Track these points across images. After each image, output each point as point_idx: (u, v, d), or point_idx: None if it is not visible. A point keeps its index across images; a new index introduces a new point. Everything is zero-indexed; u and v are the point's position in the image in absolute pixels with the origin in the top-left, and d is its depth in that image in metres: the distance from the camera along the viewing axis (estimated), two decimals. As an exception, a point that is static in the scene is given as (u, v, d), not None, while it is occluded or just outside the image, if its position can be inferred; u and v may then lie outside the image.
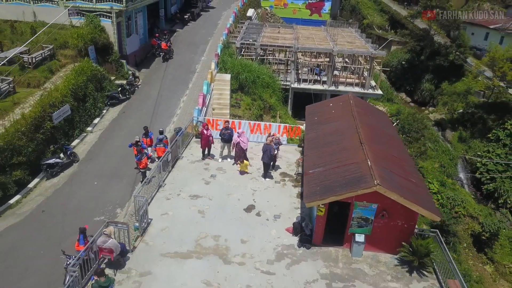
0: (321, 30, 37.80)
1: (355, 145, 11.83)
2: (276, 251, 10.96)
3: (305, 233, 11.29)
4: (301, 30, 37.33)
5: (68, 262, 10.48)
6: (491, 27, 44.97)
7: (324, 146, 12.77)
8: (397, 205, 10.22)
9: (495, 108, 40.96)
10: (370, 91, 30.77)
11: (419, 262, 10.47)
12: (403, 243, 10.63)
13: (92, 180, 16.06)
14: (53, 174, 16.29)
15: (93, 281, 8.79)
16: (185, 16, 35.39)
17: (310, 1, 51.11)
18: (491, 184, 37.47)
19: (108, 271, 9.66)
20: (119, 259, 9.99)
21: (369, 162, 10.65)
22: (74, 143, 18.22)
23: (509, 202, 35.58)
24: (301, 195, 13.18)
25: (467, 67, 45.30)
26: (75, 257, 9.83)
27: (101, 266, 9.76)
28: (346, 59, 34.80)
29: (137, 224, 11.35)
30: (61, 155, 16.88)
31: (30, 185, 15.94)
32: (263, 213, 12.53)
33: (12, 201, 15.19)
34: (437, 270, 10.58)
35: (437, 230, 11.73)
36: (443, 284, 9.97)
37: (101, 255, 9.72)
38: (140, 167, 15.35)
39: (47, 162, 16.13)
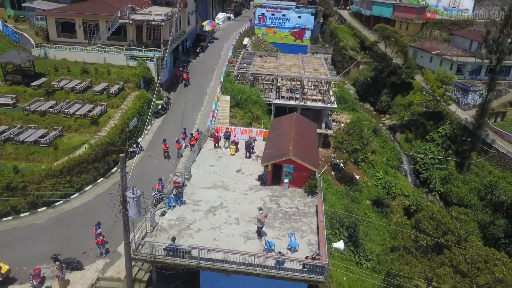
0: (298, 58, 51.72)
1: (288, 140, 25.69)
2: (249, 187, 24.84)
3: (264, 180, 25.17)
4: (283, 58, 51.36)
5: (154, 193, 24.24)
6: (434, 52, 58.78)
7: (275, 141, 26.68)
8: (302, 165, 23.99)
9: (433, 116, 54.84)
10: (329, 105, 44.50)
11: (311, 190, 24.28)
12: (305, 182, 24.44)
13: (153, 160, 29.91)
14: (131, 157, 30.22)
15: (175, 191, 22.67)
16: (197, 50, 49.53)
17: (294, 30, 65.10)
18: (425, 174, 51.59)
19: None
20: (181, 187, 23.81)
21: (290, 147, 24.51)
22: (139, 140, 32.21)
23: (436, 186, 49.73)
24: (264, 165, 27.07)
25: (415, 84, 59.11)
26: (157, 190, 23.62)
27: (174, 191, 23.54)
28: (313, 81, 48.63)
29: (186, 176, 25.23)
30: (134, 146, 30.84)
31: (120, 162, 29.92)
32: (244, 172, 26.43)
33: (112, 170, 29.22)
34: (318, 193, 24.40)
35: (321, 177, 25.57)
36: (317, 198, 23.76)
37: (175, 185, 23.54)
38: (163, 148, 29.30)
39: (129, 150, 30.10)
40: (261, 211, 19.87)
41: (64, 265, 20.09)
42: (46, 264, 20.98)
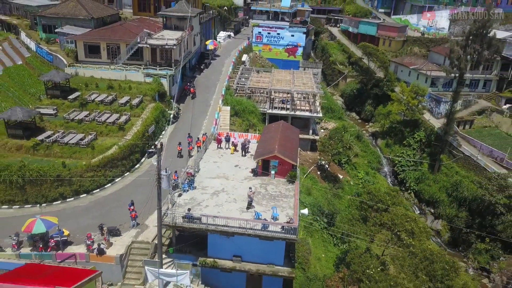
0: (289, 73, 59.84)
1: (274, 141, 33.58)
2: (244, 177, 32.66)
3: (255, 172, 33.02)
4: (276, 73, 59.50)
5: (172, 181, 32.05)
6: (411, 67, 66.93)
7: (265, 142, 34.57)
8: (284, 160, 31.81)
9: (410, 123, 62.62)
10: (315, 114, 52.37)
11: (291, 179, 32.08)
12: (287, 173, 32.26)
13: (169, 158, 37.75)
14: (151, 156, 38.09)
15: (188, 179, 30.51)
16: (201, 66, 57.75)
17: (287, 47, 73.48)
18: (402, 174, 59.25)
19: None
20: (192, 176, 31.64)
21: (276, 146, 32.40)
22: (156, 142, 40.10)
23: (411, 185, 57.30)
24: (257, 161, 34.96)
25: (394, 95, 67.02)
26: (174, 180, 31.43)
27: (187, 179, 31.34)
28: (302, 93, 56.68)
29: (196, 169, 33.09)
30: (152, 147, 38.69)
31: (142, 160, 37.87)
32: (241, 166, 34.28)
33: (136, 166, 37.12)
34: (296, 181, 32.18)
35: (298, 168, 33.38)
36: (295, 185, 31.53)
37: (188, 175, 31.37)
38: (178, 149, 37.21)
39: (148, 150, 38.00)
40: (250, 189, 27.73)
41: (108, 231, 27.88)
42: (93, 232, 28.71)
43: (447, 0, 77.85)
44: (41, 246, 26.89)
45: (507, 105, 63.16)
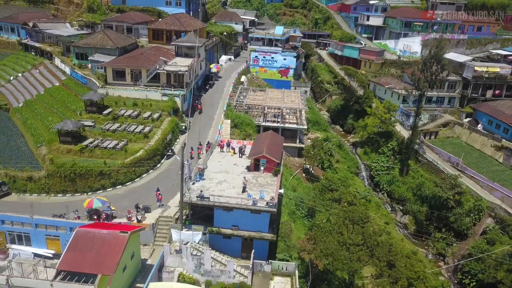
0: (281, 92, 72.03)
1: (263, 145, 45.36)
2: (241, 172, 44.31)
3: (249, 168, 44.70)
4: (270, 92, 71.71)
5: (186, 175, 43.71)
6: (386, 86, 79.05)
7: (257, 146, 46.34)
8: (271, 159, 43.46)
9: (384, 134, 74.19)
10: (301, 126, 64.22)
11: (276, 173, 43.68)
12: (273, 169, 43.90)
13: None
14: (168, 158, 49.84)
15: (199, 173, 42.20)
16: (206, 87, 69.98)
17: (280, 69, 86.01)
18: (377, 178, 70.70)
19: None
20: (202, 171, 43.30)
21: (264, 149, 44.18)
22: (173, 148, 51.89)
23: (384, 187, 68.62)
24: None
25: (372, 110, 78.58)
26: (188, 174, 43.12)
27: (198, 173, 42.99)
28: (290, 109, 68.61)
29: (205, 166, 44.79)
30: (170, 151, 50.47)
31: (162, 161, 49.66)
32: (239, 164, 45.95)
33: (158, 166, 48.88)
34: (279, 174, 43.80)
35: (283, 166, 45.18)
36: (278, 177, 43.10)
37: (199, 169, 43.04)
38: (190, 153, 49.06)
39: (167, 153, 49.80)
40: (244, 178, 39.35)
41: (142, 208, 39.52)
42: (131, 209, 40.23)
43: (419, 28, 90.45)
44: (95, 218, 38.45)
45: (467, 119, 75.04)
